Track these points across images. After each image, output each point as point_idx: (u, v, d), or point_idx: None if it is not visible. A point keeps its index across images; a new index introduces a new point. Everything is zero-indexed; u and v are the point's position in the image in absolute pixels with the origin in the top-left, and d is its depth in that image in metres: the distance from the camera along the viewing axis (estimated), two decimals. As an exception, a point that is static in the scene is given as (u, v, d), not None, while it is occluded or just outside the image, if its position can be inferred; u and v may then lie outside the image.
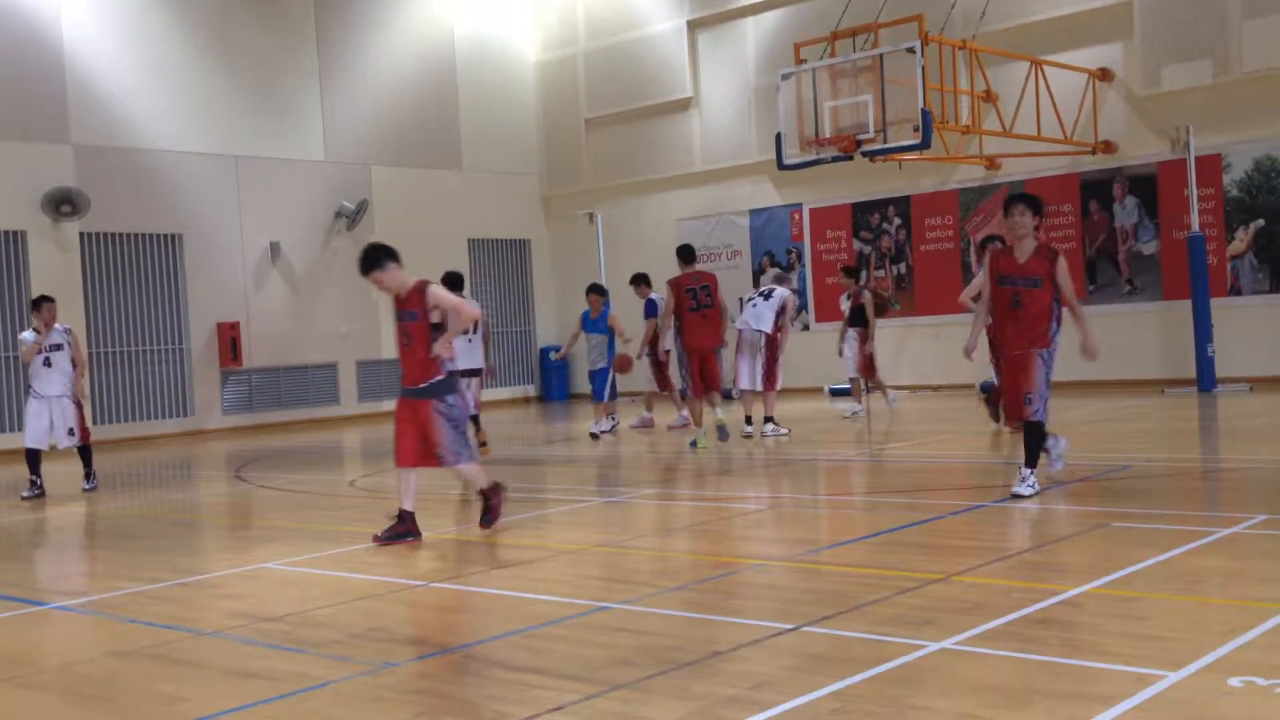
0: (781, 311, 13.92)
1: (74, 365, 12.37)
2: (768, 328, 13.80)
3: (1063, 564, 6.34)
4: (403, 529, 7.98)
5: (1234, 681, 4.00)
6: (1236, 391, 16.21)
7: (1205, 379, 16.54)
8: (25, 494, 12.11)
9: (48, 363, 12.21)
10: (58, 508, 11.48)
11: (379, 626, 5.66)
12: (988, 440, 12.17)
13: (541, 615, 5.65)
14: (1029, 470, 8.22)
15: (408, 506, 8.02)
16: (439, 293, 7.94)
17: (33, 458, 12.24)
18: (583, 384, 17.51)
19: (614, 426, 15.62)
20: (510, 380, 24.94)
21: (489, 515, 8.21)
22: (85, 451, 12.61)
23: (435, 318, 7.94)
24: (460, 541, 8.29)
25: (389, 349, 22.13)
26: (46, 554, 9.27)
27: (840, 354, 16.12)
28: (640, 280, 15.77)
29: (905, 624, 5.02)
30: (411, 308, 7.95)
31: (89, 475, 12.66)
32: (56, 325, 12.30)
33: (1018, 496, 8.08)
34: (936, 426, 14.15)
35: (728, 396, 15.63)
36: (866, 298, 15.79)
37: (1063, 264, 8.12)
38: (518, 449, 15.17)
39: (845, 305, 16.13)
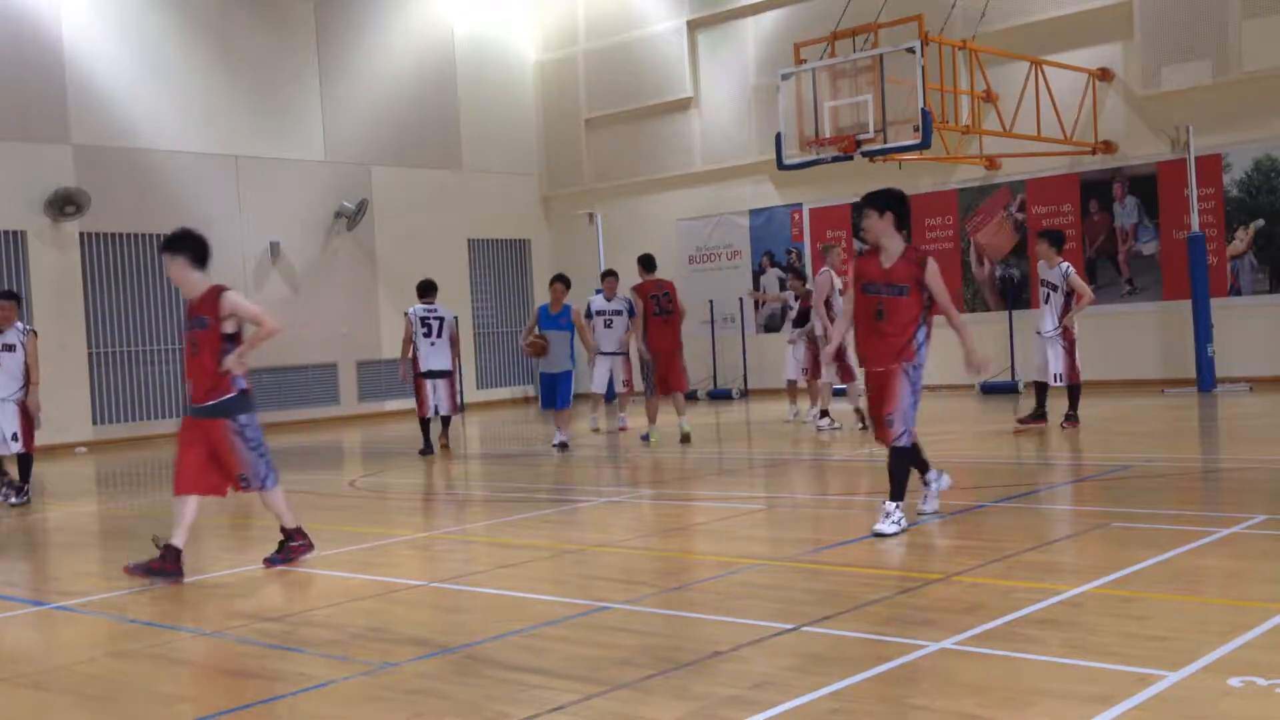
0: (827, 302, 13.86)
1: (27, 371, 11.51)
2: (818, 331, 14.01)
3: (1063, 564, 6.34)
4: (159, 564, 6.99)
5: (1234, 681, 4.00)
6: (1236, 391, 16.21)
7: (1205, 379, 16.54)
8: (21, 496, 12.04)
9: None
10: (57, 508, 11.48)
11: (379, 626, 5.65)
12: (988, 441, 12.18)
13: (541, 615, 5.65)
14: (893, 504, 7.12)
15: (177, 542, 7.03)
16: (235, 300, 7.10)
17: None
18: (582, 382, 17.36)
19: (564, 443, 13.69)
20: (509, 381, 24.95)
21: (280, 556, 7.38)
22: (25, 460, 11.59)
23: (229, 328, 7.06)
24: (459, 541, 8.29)
25: (389, 349, 22.14)
26: (46, 554, 9.26)
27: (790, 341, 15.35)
28: (610, 275, 15.62)
29: (905, 624, 5.03)
30: (202, 314, 7.06)
31: (21, 489, 11.53)
32: (17, 324, 11.62)
33: (880, 535, 7.03)
34: (936, 427, 14.12)
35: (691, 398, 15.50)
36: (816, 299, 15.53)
37: (933, 267, 7.29)
38: (517, 449, 15.17)
39: (794, 306, 15.87)
